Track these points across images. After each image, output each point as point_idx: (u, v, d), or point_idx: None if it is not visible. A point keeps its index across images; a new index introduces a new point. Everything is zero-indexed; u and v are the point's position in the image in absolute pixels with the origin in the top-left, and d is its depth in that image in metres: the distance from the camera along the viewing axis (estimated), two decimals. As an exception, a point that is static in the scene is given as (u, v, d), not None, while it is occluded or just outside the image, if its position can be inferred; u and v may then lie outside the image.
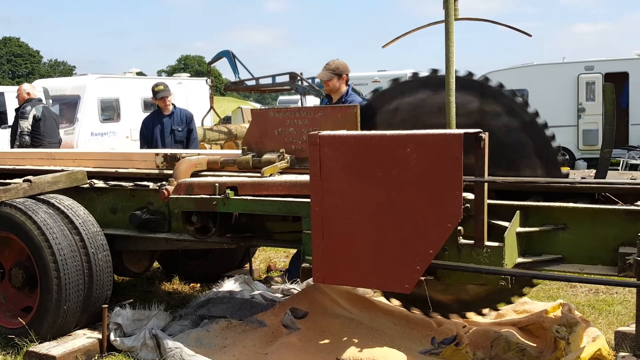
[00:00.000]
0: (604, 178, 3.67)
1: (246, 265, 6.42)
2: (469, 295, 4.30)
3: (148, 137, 7.29)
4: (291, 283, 5.57)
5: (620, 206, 3.39)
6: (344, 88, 5.60)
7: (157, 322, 4.52)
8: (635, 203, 3.33)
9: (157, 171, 4.72)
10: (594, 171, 3.88)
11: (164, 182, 4.32)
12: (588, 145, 15.63)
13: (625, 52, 16.39)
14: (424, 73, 4.06)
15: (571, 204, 3.46)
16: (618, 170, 11.87)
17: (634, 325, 3.54)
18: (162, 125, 7.26)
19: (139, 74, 21.05)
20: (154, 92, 7.32)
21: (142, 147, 7.39)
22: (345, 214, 3.43)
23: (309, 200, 3.56)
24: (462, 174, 3.16)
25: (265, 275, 6.60)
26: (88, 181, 4.85)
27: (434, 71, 3.97)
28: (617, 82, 9.89)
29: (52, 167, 5.16)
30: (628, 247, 3.27)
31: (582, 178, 3.73)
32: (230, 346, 4.22)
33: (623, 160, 14.13)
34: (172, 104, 7.40)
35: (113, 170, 4.96)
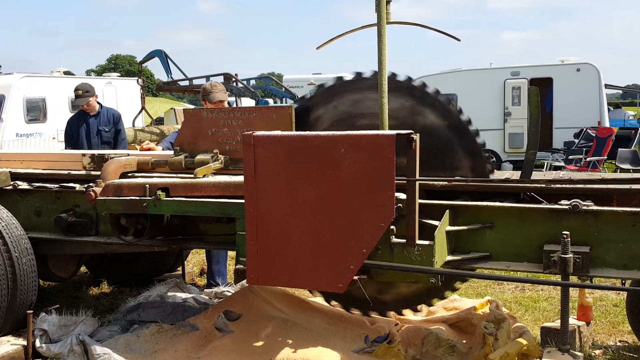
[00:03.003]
0: (529, 178, 3.79)
1: (178, 269, 6.32)
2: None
3: (73, 138, 6.97)
4: (225, 286, 5.52)
5: (545, 205, 3.52)
6: None
7: (85, 328, 4.40)
8: (559, 202, 3.46)
9: (84, 172, 4.59)
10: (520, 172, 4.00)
11: (91, 184, 4.19)
12: (514, 148, 16.14)
13: (550, 59, 16.97)
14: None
15: (498, 203, 3.56)
16: (542, 171, 12.30)
17: (559, 321, 3.67)
18: (87, 125, 6.94)
19: (67, 73, 20.41)
20: (75, 97, 7.01)
21: (67, 149, 7.13)
22: (279, 215, 3.43)
23: (243, 201, 3.53)
24: (395, 174, 3.21)
25: (197, 279, 6.52)
26: (11, 183, 4.67)
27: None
28: (541, 87, 10.22)
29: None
30: (552, 245, 3.40)
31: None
32: (161, 351, 4.14)
33: (547, 162, 14.66)
34: (99, 103, 7.11)
35: (38, 171, 4.79)
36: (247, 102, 16.22)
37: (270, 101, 16.69)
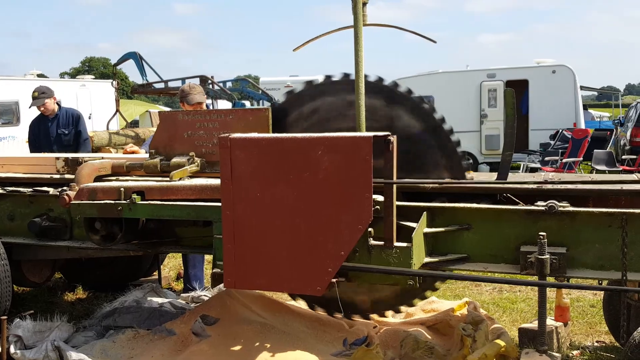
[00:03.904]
0: (506, 179, 3.81)
1: (155, 273, 6.25)
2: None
3: (35, 143, 6.78)
4: (202, 290, 5.47)
5: (521, 206, 3.53)
6: None
7: (60, 334, 4.34)
8: (536, 203, 3.47)
9: (58, 176, 4.52)
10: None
11: (64, 188, 4.12)
12: (490, 149, 16.26)
13: (526, 61, 17.14)
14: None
15: (475, 205, 3.57)
16: (518, 172, 12.40)
17: (536, 322, 3.68)
18: (46, 130, 6.73)
19: (40, 76, 20.16)
20: (31, 99, 6.78)
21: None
22: (257, 218, 3.39)
23: (219, 204, 3.49)
24: (372, 176, 3.20)
25: (174, 283, 6.46)
26: (-17, 187, 4.59)
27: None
28: (517, 89, 10.29)
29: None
30: (529, 246, 3.40)
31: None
32: (138, 356, 4.09)
33: (523, 164, 14.78)
34: (58, 104, 6.87)
35: (10, 175, 4.72)
36: (224, 104, 16.15)
37: (247, 103, 16.64)
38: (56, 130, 6.73)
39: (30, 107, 6.83)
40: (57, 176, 4.55)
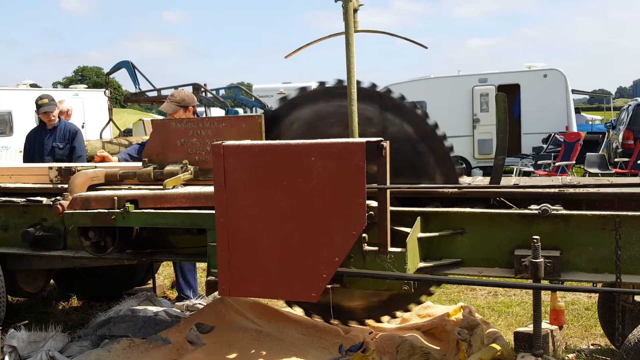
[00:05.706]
0: (499, 184, 3.82)
1: (149, 282, 6.23)
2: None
3: (29, 153, 6.73)
4: (196, 298, 5.46)
5: (514, 210, 3.54)
6: None
7: (55, 344, 4.33)
8: (529, 207, 3.48)
9: (51, 185, 4.51)
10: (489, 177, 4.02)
11: (58, 197, 4.11)
12: (483, 154, 16.29)
13: (517, 65, 17.24)
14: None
15: (468, 209, 3.57)
16: (511, 176, 12.41)
17: (532, 325, 3.69)
18: (41, 142, 6.67)
19: (33, 85, 20.09)
20: (37, 106, 6.69)
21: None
22: (251, 225, 3.39)
23: (213, 211, 3.49)
24: (365, 182, 3.20)
25: (169, 292, 6.44)
26: (-24, 198, 4.57)
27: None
28: (509, 93, 10.27)
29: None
30: (523, 250, 3.41)
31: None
32: (133, 365, 4.07)
33: (516, 168, 14.82)
34: (59, 117, 6.81)
35: (3, 185, 4.70)
36: (217, 112, 16.14)
37: (240, 111, 16.63)
38: (51, 143, 6.68)
39: (40, 113, 6.74)
40: (50, 185, 4.54)
